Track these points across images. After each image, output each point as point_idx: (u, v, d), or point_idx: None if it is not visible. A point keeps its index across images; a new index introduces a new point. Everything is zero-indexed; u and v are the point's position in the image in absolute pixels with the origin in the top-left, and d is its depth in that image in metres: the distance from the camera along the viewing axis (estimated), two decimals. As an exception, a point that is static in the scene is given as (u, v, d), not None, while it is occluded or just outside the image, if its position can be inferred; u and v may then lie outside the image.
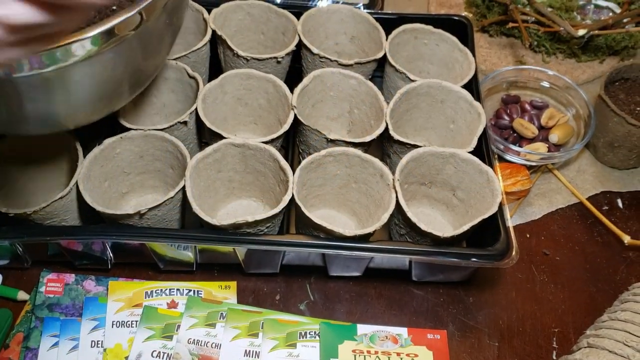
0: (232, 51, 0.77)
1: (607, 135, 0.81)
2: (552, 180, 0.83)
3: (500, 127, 0.85)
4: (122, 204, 0.72)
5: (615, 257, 0.75)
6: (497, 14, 0.97)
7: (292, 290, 0.71)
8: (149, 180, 0.73)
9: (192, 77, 0.74)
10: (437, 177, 0.71)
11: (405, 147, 0.70)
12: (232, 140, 0.67)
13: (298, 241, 0.63)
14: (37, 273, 0.69)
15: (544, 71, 0.88)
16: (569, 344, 0.67)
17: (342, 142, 0.69)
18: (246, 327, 0.65)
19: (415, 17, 0.84)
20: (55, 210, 0.63)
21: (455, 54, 0.82)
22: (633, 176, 0.84)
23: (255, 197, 0.73)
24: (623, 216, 0.79)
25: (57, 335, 0.64)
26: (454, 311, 0.70)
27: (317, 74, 0.75)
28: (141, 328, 0.64)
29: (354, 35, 0.85)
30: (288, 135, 0.77)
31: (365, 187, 0.69)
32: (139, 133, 0.68)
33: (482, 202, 0.68)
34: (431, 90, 0.76)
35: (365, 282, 0.71)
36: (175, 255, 0.68)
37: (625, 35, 0.93)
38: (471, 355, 0.67)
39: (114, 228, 0.64)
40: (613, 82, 0.84)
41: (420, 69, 0.85)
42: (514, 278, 0.73)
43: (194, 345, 0.63)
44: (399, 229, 0.68)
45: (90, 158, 0.66)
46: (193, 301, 0.67)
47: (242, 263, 0.69)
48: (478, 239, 0.68)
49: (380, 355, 0.64)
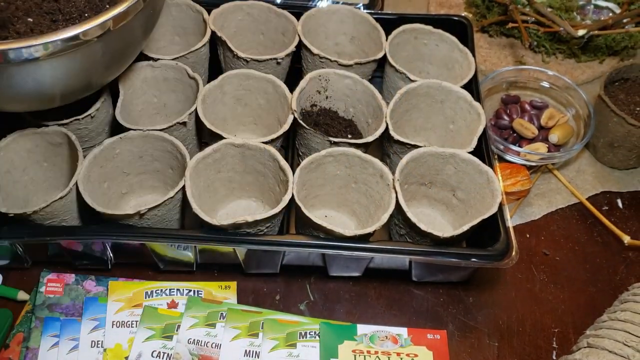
0: (232, 52, 0.77)
1: (607, 136, 0.81)
2: (552, 181, 0.83)
3: (500, 127, 0.85)
4: (121, 205, 0.72)
5: (615, 257, 0.75)
6: (497, 14, 0.97)
7: (292, 290, 0.71)
8: (148, 180, 0.73)
9: (192, 77, 0.74)
10: (437, 177, 0.71)
11: (405, 147, 0.70)
12: (231, 141, 0.67)
13: (298, 241, 0.63)
14: (37, 273, 0.69)
15: (543, 71, 0.88)
16: (569, 344, 0.67)
17: (344, 144, 0.69)
18: (246, 327, 0.65)
19: (415, 18, 0.85)
20: (55, 210, 0.63)
21: (455, 54, 0.82)
22: (633, 176, 0.84)
23: (255, 197, 0.73)
24: (623, 216, 0.79)
25: (57, 335, 0.64)
26: (454, 311, 0.70)
27: (313, 75, 0.75)
28: (141, 328, 0.65)
29: (353, 35, 0.86)
30: (288, 136, 0.77)
31: (365, 187, 0.70)
32: (139, 133, 0.68)
33: (482, 202, 0.68)
34: (431, 90, 0.76)
35: (365, 282, 0.71)
36: (175, 255, 0.68)
37: (625, 35, 0.93)
38: (471, 355, 0.67)
39: (114, 228, 0.64)
40: (613, 82, 0.84)
41: (420, 69, 0.85)
42: (514, 278, 0.73)
43: (194, 345, 0.63)
44: (399, 229, 0.68)
45: (89, 158, 0.66)
46: (193, 301, 0.67)
47: (242, 263, 0.69)
48: (478, 239, 0.68)
49: (380, 355, 0.64)
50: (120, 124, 0.70)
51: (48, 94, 0.60)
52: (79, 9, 0.61)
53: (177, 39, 0.86)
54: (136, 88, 0.76)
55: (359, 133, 0.77)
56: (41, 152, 0.70)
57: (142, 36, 0.66)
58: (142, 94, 0.77)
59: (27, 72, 0.55)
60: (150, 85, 0.77)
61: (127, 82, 0.75)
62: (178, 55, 0.76)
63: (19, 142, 0.68)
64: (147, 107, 0.78)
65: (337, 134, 0.75)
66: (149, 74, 0.76)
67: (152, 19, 0.66)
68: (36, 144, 0.69)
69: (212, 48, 0.81)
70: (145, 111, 0.78)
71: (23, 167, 0.70)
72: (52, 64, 0.56)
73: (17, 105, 0.62)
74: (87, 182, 0.65)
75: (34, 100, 0.61)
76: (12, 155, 0.68)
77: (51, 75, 0.57)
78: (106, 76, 0.66)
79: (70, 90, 0.62)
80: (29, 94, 0.59)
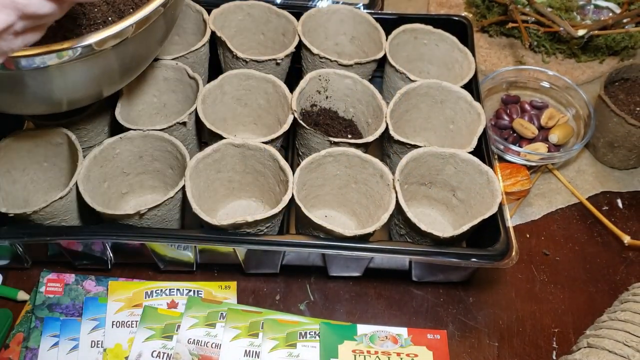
0: (232, 53, 0.77)
1: (607, 136, 0.81)
2: (552, 181, 0.83)
3: (500, 127, 0.85)
4: (121, 205, 0.72)
5: (615, 257, 0.75)
6: (497, 14, 0.97)
7: (292, 290, 0.71)
8: (148, 180, 0.73)
9: (192, 77, 0.74)
10: (437, 177, 0.71)
11: (405, 147, 0.70)
12: (231, 141, 0.67)
13: (298, 241, 0.63)
14: (37, 273, 0.69)
15: (543, 71, 0.88)
16: (569, 344, 0.67)
17: (344, 144, 0.69)
18: (246, 327, 0.65)
19: (415, 18, 0.84)
20: (55, 210, 0.63)
21: (455, 54, 0.82)
22: (633, 176, 0.84)
23: (255, 197, 0.73)
24: (623, 216, 0.79)
25: (57, 335, 0.64)
26: (454, 311, 0.70)
27: (313, 75, 0.75)
28: (141, 328, 0.65)
29: (353, 35, 0.86)
30: (288, 136, 0.77)
31: (365, 187, 0.70)
32: (139, 133, 0.68)
33: (482, 202, 0.68)
34: (431, 90, 0.76)
35: (365, 282, 0.71)
36: (175, 255, 0.68)
37: (625, 35, 0.93)
38: (471, 355, 0.67)
39: (114, 228, 0.64)
40: (613, 83, 0.84)
41: (420, 69, 0.85)
42: (514, 278, 0.73)
43: (194, 345, 0.63)
44: (399, 229, 0.68)
45: (89, 158, 0.66)
46: (193, 301, 0.67)
47: (242, 263, 0.69)
48: (478, 239, 0.68)
49: (380, 355, 0.64)
50: (120, 123, 0.70)
51: (56, 100, 0.59)
52: (104, 14, 0.60)
53: (176, 39, 0.86)
54: (136, 88, 0.76)
55: (359, 133, 0.77)
56: (41, 152, 0.70)
57: (160, 42, 0.66)
58: (142, 94, 0.77)
59: (38, 79, 0.54)
60: (150, 85, 0.77)
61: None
62: (178, 55, 0.76)
63: (19, 142, 0.68)
64: (147, 107, 0.78)
65: (337, 134, 0.75)
66: (149, 74, 0.76)
67: (170, 24, 0.65)
68: (36, 144, 0.69)
69: (212, 48, 0.81)
70: (145, 111, 0.78)
71: (23, 167, 0.70)
72: (66, 70, 0.55)
73: (22, 109, 0.62)
74: (87, 182, 0.65)
75: (42, 105, 0.61)
76: (12, 155, 0.68)
77: (63, 82, 0.56)
78: (119, 83, 0.66)
79: (80, 98, 0.62)
80: (37, 99, 0.58)
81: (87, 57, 0.53)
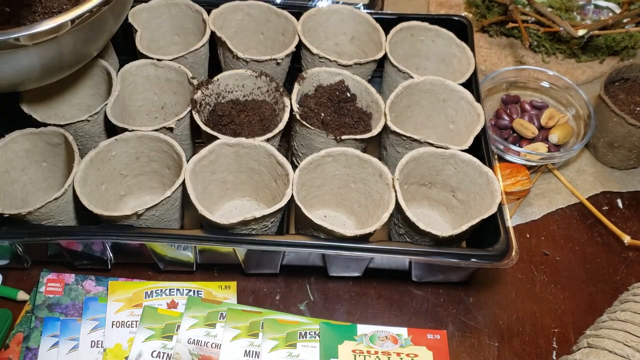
0: (232, 53, 0.77)
1: (607, 136, 0.81)
2: (552, 180, 0.83)
3: (500, 127, 0.85)
4: (121, 207, 0.72)
5: (615, 257, 0.75)
6: (497, 14, 0.97)
7: (292, 290, 0.71)
8: (146, 181, 0.73)
9: (191, 83, 0.74)
10: (437, 177, 0.71)
11: (402, 139, 0.70)
12: (226, 140, 0.67)
13: (298, 241, 0.63)
14: (37, 273, 0.69)
15: (543, 71, 0.88)
16: (569, 344, 0.67)
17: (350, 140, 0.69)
18: (246, 327, 0.65)
19: (415, 17, 0.84)
20: (50, 211, 0.63)
21: (453, 49, 0.82)
22: (633, 176, 0.84)
23: (248, 196, 0.73)
24: (623, 216, 0.79)
25: (57, 335, 0.64)
26: (454, 311, 0.70)
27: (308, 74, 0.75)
28: (141, 328, 0.64)
29: (353, 35, 0.86)
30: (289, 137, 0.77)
31: (365, 187, 0.70)
32: (134, 134, 0.68)
33: (481, 203, 0.68)
34: (434, 87, 0.75)
35: (365, 282, 0.71)
36: (175, 255, 0.68)
37: (625, 35, 0.93)
38: (471, 355, 0.67)
39: (114, 228, 0.64)
40: (613, 83, 0.84)
41: (417, 66, 0.85)
42: (514, 278, 0.73)
43: (194, 345, 0.63)
44: (398, 229, 0.68)
45: (86, 161, 0.65)
46: (193, 301, 0.67)
47: (242, 263, 0.69)
48: (478, 239, 0.68)
49: (380, 355, 0.64)
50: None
51: (9, 83, 0.61)
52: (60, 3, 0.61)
53: (176, 39, 0.86)
54: (137, 84, 0.76)
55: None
56: (40, 152, 0.70)
57: (113, 24, 0.66)
58: (143, 91, 0.77)
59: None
60: (152, 83, 0.77)
61: (127, 77, 0.75)
62: (177, 55, 0.76)
63: (18, 142, 0.68)
64: (146, 103, 0.78)
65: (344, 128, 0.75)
66: (152, 72, 0.76)
67: (123, 8, 0.66)
68: (35, 144, 0.69)
69: (212, 48, 0.81)
70: (143, 107, 0.78)
71: (22, 167, 0.70)
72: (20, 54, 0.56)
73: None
74: (85, 185, 0.65)
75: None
76: (11, 155, 0.68)
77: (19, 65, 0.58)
78: (76, 63, 0.66)
79: (34, 79, 0.63)
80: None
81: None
